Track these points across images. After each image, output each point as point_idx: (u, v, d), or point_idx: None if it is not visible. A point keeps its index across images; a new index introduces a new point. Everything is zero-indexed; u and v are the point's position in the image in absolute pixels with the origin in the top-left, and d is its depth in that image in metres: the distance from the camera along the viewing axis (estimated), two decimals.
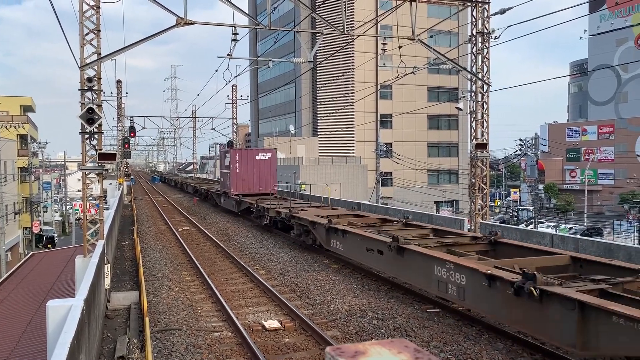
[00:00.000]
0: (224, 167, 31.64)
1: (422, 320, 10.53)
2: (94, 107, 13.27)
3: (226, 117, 49.58)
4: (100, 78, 13.73)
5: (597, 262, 9.71)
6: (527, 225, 46.82)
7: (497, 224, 21.34)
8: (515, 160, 62.36)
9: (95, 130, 13.46)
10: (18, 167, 50.25)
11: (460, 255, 11.08)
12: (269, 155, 30.01)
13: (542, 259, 10.23)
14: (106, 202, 25.71)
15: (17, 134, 49.18)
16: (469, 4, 18.59)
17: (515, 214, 55.63)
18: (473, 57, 18.78)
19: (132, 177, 67.68)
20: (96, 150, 13.68)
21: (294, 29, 20.22)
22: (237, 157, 29.23)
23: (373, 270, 14.31)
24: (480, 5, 18.35)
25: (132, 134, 47.70)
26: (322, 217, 17.46)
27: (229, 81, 21.78)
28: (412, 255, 11.28)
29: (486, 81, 18.64)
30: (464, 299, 9.64)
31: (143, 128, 49.80)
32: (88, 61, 13.53)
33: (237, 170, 28.88)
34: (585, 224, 55.27)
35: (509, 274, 8.77)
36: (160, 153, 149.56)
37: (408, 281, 12.08)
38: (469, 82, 19.45)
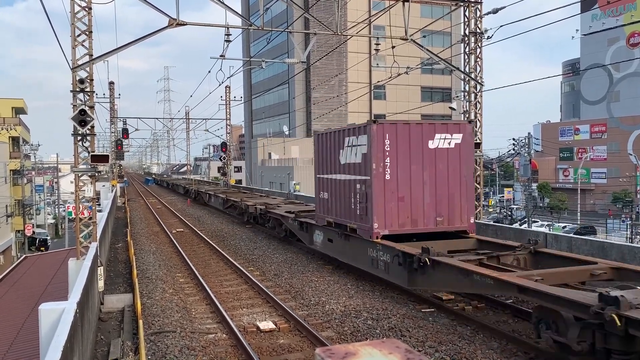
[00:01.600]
0: (341, 168, 14.58)
1: (417, 320, 10.52)
2: (86, 108, 13.20)
3: (220, 118, 49.48)
4: (93, 80, 13.67)
5: None
6: (520, 225, 47.01)
7: (492, 223, 21.38)
8: (508, 159, 62.56)
9: (88, 132, 13.39)
10: (10, 170, 49.92)
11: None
12: (457, 137, 13.54)
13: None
14: (99, 204, 25.60)
15: (9, 137, 48.88)
16: (462, 4, 18.64)
17: (510, 213, 55.85)
18: (466, 56, 18.83)
19: (125, 179, 67.47)
20: (89, 152, 13.61)
21: (287, 30, 20.24)
22: (387, 141, 13.01)
23: None
24: (472, 5, 18.40)
25: (125, 136, 47.56)
26: None
27: (222, 82, 21.78)
28: None
29: (479, 81, 18.69)
30: None
31: (136, 130, 49.67)
32: (80, 62, 13.46)
33: (388, 176, 12.98)
34: (579, 222, 55.52)
35: None
36: (154, 155, 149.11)
37: None
38: (462, 82, 19.50)
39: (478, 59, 18.70)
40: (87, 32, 13.65)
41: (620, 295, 6.93)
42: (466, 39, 18.76)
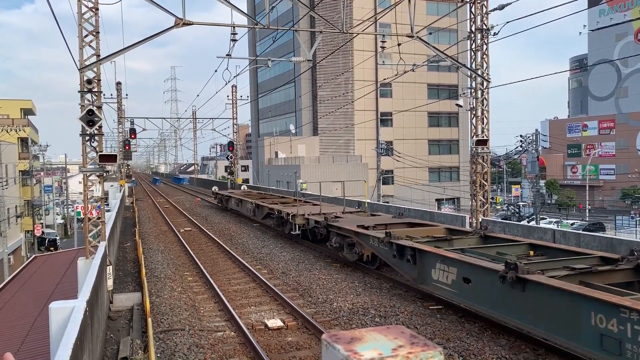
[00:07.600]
0: None
1: (425, 317, 10.53)
2: (94, 109, 13.27)
3: (226, 117, 49.58)
4: (100, 80, 13.73)
5: None
6: (528, 222, 46.82)
7: (499, 220, 21.32)
8: (516, 156, 62.28)
9: (96, 132, 13.46)
10: (19, 171, 50.30)
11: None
12: None
13: None
14: (107, 204, 25.72)
15: (18, 137, 49.19)
16: (468, 0, 18.58)
17: (517, 210, 55.68)
18: (472, 53, 18.77)
19: (133, 178, 67.75)
20: (97, 152, 13.68)
21: (292, 28, 20.25)
22: None
23: None
24: (478, 1, 18.33)
25: (132, 136, 47.75)
26: None
27: (229, 81, 21.77)
28: None
29: (486, 77, 18.63)
30: None
31: (143, 130, 49.83)
32: (87, 63, 13.53)
33: None
34: (587, 219, 55.24)
35: None
36: (161, 154, 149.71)
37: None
38: (469, 79, 19.43)
39: (484, 56, 18.64)
40: (94, 33, 13.71)
41: None
42: (472, 35, 18.70)
